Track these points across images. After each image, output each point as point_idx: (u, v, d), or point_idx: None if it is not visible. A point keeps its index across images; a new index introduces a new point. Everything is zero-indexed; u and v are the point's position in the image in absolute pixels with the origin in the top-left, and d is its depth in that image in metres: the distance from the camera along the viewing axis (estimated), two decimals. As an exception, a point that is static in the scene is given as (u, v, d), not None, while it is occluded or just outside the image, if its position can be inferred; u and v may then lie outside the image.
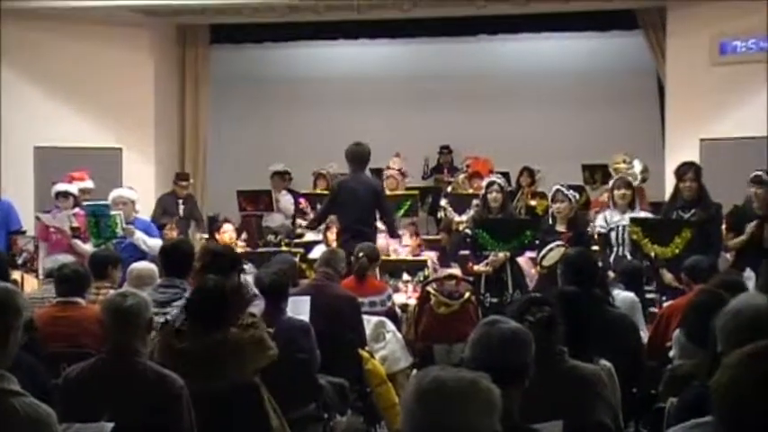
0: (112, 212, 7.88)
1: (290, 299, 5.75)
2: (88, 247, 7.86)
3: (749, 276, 6.77)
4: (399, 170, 10.71)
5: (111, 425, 3.47)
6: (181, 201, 10.47)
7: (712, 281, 5.16)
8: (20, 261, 8.63)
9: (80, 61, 11.37)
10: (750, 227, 7.13)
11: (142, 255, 7.58)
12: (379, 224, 8.71)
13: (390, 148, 11.02)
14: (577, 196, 7.98)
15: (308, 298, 5.86)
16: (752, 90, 10.14)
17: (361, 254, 6.93)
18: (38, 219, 8.75)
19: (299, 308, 5.73)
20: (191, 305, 4.49)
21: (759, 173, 7.22)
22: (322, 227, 9.21)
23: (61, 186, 8.62)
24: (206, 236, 10.00)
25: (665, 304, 6.13)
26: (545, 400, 3.12)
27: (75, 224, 8.12)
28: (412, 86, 13.43)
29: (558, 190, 7.63)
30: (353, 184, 8.21)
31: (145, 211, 9.47)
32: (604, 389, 3.57)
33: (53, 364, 4.81)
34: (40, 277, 8.10)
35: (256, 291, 5.52)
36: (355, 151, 8.30)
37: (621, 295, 6.01)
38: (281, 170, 11.91)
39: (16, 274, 7.84)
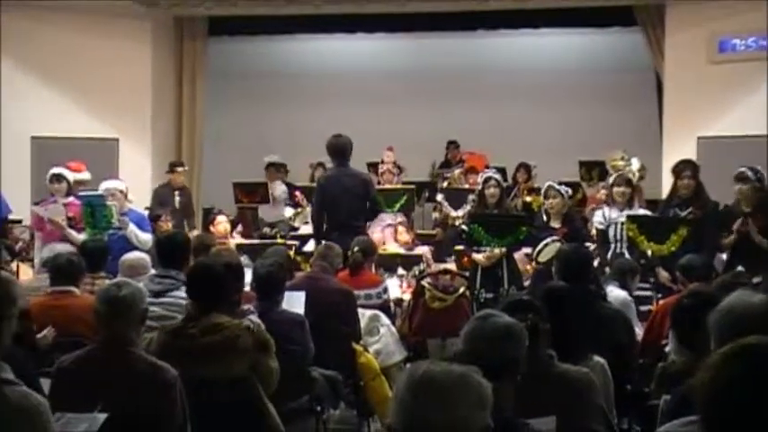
0: (108, 203, 7.83)
1: (286, 293, 5.74)
2: (83, 237, 7.79)
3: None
4: (394, 163, 10.64)
5: (104, 415, 3.45)
6: (177, 192, 10.41)
7: (715, 282, 5.15)
8: (15, 250, 8.57)
9: (78, 52, 11.36)
10: (736, 224, 7.08)
11: (132, 246, 7.50)
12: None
13: (386, 142, 10.99)
14: (570, 191, 7.98)
15: (302, 293, 5.81)
16: (750, 88, 10.14)
17: (356, 248, 6.91)
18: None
19: (294, 303, 5.71)
20: (187, 285, 4.62)
21: (742, 169, 7.14)
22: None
23: (56, 169, 8.44)
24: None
25: (660, 302, 6.12)
26: (535, 407, 3.06)
27: (70, 214, 8.05)
28: (409, 81, 13.42)
29: (549, 186, 7.68)
30: (340, 178, 7.88)
31: (141, 201, 9.43)
32: (595, 393, 3.49)
33: (46, 354, 4.81)
34: (36, 267, 8.08)
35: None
36: (336, 144, 7.96)
37: (614, 293, 6.01)
38: (276, 161, 11.78)
39: (12, 264, 7.79)
